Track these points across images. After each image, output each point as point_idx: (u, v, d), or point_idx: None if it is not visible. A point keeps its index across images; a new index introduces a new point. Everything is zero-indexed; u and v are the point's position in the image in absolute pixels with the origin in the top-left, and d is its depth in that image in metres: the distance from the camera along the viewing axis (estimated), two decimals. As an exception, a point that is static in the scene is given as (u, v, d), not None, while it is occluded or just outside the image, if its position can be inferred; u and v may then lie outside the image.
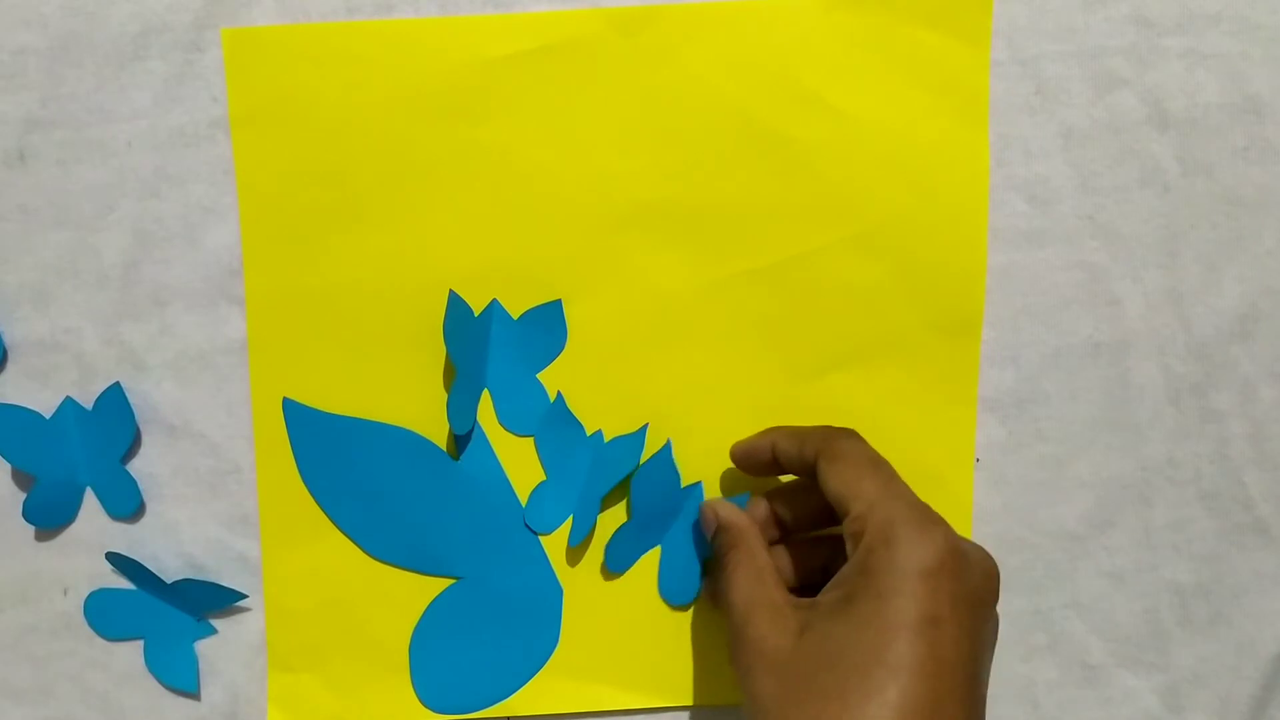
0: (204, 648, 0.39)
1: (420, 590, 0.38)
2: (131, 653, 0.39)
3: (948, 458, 0.39)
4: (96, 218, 0.37)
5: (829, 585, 0.31)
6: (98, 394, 0.37)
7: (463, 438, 0.38)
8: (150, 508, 0.38)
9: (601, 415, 0.38)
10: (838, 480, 0.33)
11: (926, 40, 0.37)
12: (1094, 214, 0.38)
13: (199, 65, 0.37)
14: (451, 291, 0.37)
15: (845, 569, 0.31)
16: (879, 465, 0.33)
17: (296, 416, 0.38)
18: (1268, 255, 0.39)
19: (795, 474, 0.36)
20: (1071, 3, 0.38)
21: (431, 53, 0.37)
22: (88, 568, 0.38)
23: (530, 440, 0.38)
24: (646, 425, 0.38)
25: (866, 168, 0.38)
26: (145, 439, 0.38)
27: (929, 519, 0.31)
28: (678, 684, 0.39)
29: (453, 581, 0.38)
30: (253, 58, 0.37)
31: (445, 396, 0.38)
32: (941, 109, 0.37)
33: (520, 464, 0.38)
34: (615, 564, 0.38)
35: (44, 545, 0.38)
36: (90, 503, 0.38)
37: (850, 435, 0.34)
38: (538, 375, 0.38)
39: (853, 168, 0.38)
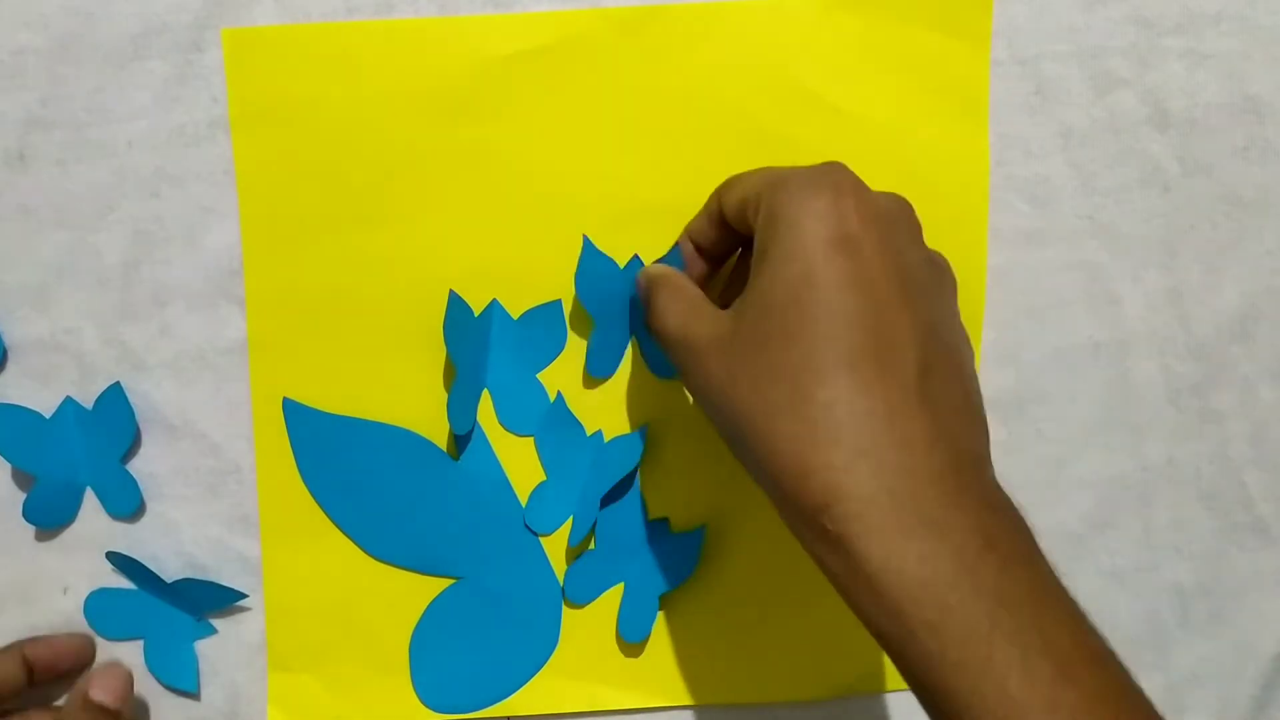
0: (204, 648, 0.39)
1: (420, 590, 0.38)
2: (131, 653, 0.39)
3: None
4: (96, 218, 0.37)
5: (750, 267, 0.31)
6: (98, 394, 0.37)
7: (463, 438, 0.38)
8: (150, 508, 0.38)
9: (601, 415, 0.38)
10: (735, 194, 0.32)
11: (926, 40, 0.37)
12: (1094, 214, 0.38)
13: (199, 65, 0.37)
14: (451, 291, 0.37)
15: (755, 242, 0.30)
16: (770, 169, 0.33)
17: (296, 416, 0.38)
18: (1268, 255, 0.39)
19: (716, 246, 0.35)
20: (1071, 3, 0.38)
21: (431, 53, 0.37)
22: (88, 568, 0.38)
23: (530, 440, 0.38)
24: (646, 425, 0.38)
25: (867, 167, 0.37)
26: (145, 439, 0.38)
27: (819, 166, 0.30)
28: (678, 684, 0.39)
29: (453, 581, 0.38)
30: (253, 58, 0.37)
31: (445, 396, 0.38)
32: (941, 109, 0.37)
33: (520, 464, 0.38)
34: (576, 595, 0.38)
35: (44, 545, 0.38)
36: (90, 502, 0.38)
37: (744, 172, 0.34)
38: (538, 375, 0.38)
39: (852, 167, 0.37)
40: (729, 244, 0.35)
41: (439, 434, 0.38)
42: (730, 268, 0.37)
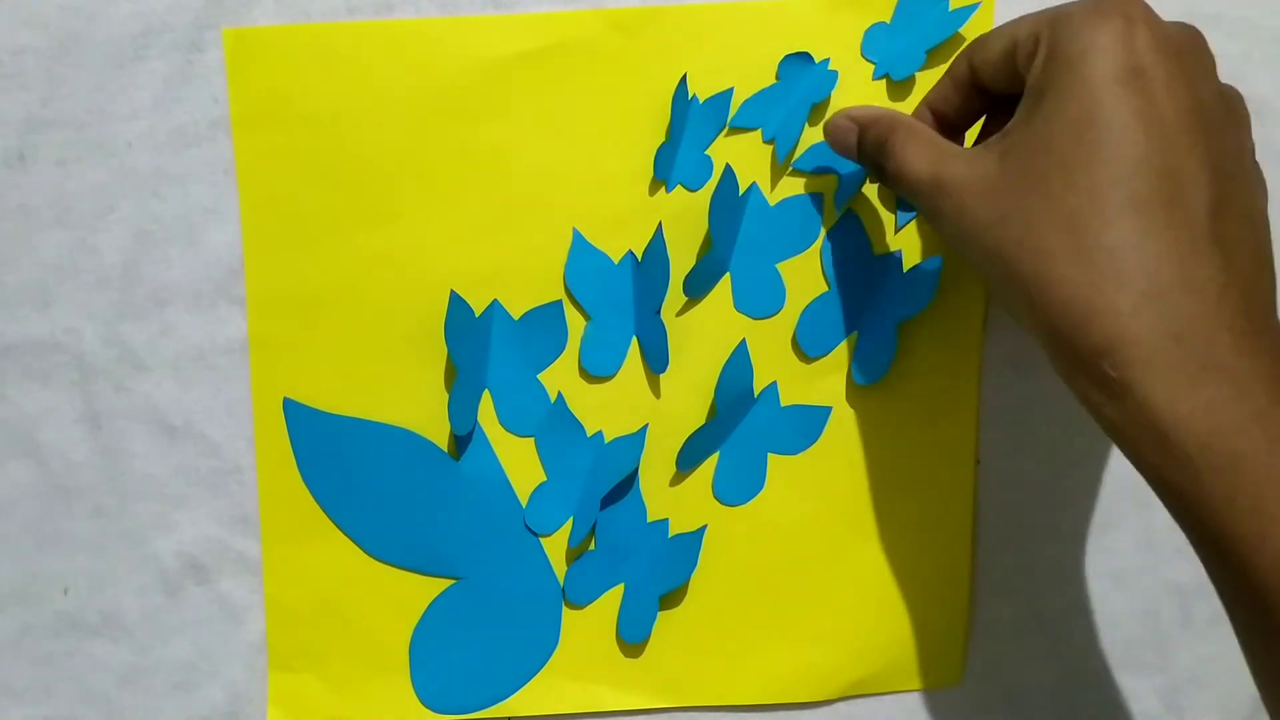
0: (204, 648, 0.39)
1: (420, 590, 0.38)
2: (131, 653, 0.39)
3: (949, 460, 0.39)
4: (97, 218, 0.37)
5: (1019, 109, 0.29)
6: (98, 395, 0.37)
7: (463, 438, 0.38)
8: (150, 508, 0.38)
9: (602, 415, 0.38)
10: (996, 43, 0.30)
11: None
12: (1095, 214, 0.38)
13: (199, 65, 0.37)
14: (452, 292, 0.37)
15: (1028, 84, 0.29)
16: (1029, 14, 0.30)
17: (297, 416, 0.38)
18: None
19: (961, 114, 0.33)
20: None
21: (431, 53, 0.37)
22: (88, 567, 0.38)
23: (530, 440, 0.38)
24: (646, 425, 0.38)
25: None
26: (146, 439, 0.38)
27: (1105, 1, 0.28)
28: (678, 685, 0.39)
29: (453, 582, 0.38)
30: (253, 58, 0.37)
31: (445, 396, 0.38)
32: (942, 109, 0.37)
33: (520, 464, 0.38)
34: (576, 595, 0.38)
35: (44, 545, 0.38)
36: (88, 502, 0.38)
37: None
38: (538, 376, 0.38)
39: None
40: (976, 111, 0.33)
41: (439, 434, 0.38)
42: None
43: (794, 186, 0.38)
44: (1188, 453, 0.25)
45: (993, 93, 0.32)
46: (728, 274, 0.38)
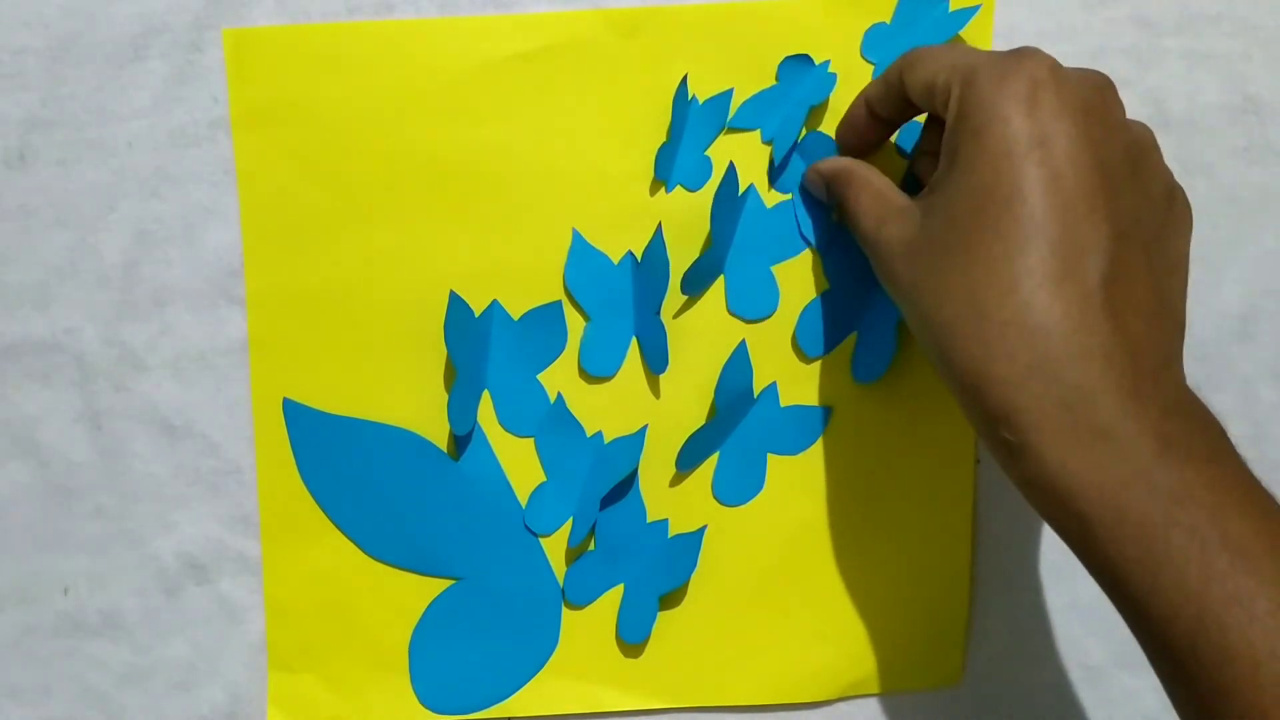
0: (204, 648, 0.39)
1: (420, 591, 0.38)
2: (131, 653, 0.39)
3: (949, 459, 0.39)
4: (97, 218, 0.37)
5: (940, 162, 0.30)
6: (98, 395, 0.37)
7: (463, 438, 0.38)
8: (150, 508, 0.38)
9: (601, 415, 0.38)
10: (921, 73, 0.31)
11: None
12: (1094, 214, 0.38)
13: (199, 65, 0.37)
14: (452, 292, 0.37)
15: (944, 137, 0.30)
16: (956, 43, 0.32)
17: (297, 417, 0.38)
18: (1268, 256, 0.39)
19: (894, 114, 0.34)
20: (1072, 3, 0.38)
21: (431, 53, 0.37)
22: (87, 567, 0.38)
23: (530, 441, 0.38)
24: (646, 426, 0.38)
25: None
26: (145, 439, 0.38)
27: (1014, 50, 0.29)
28: (677, 685, 0.39)
29: (453, 582, 0.38)
30: (253, 58, 0.37)
31: (445, 397, 0.38)
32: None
33: (520, 464, 0.38)
34: (576, 596, 0.38)
35: (44, 545, 0.38)
36: (89, 501, 0.38)
37: (925, 46, 0.33)
38: (538, 376, 0.38)
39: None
40: (908, 114, 0.34)
41: (439, 434, 0.38)
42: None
43: (790, 188, 0.38)
44: (1081, 509, 0.27)
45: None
46: (723, 276, 0.38)
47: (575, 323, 0.38)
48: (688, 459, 0.38)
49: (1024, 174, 0.27)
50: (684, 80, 0.36)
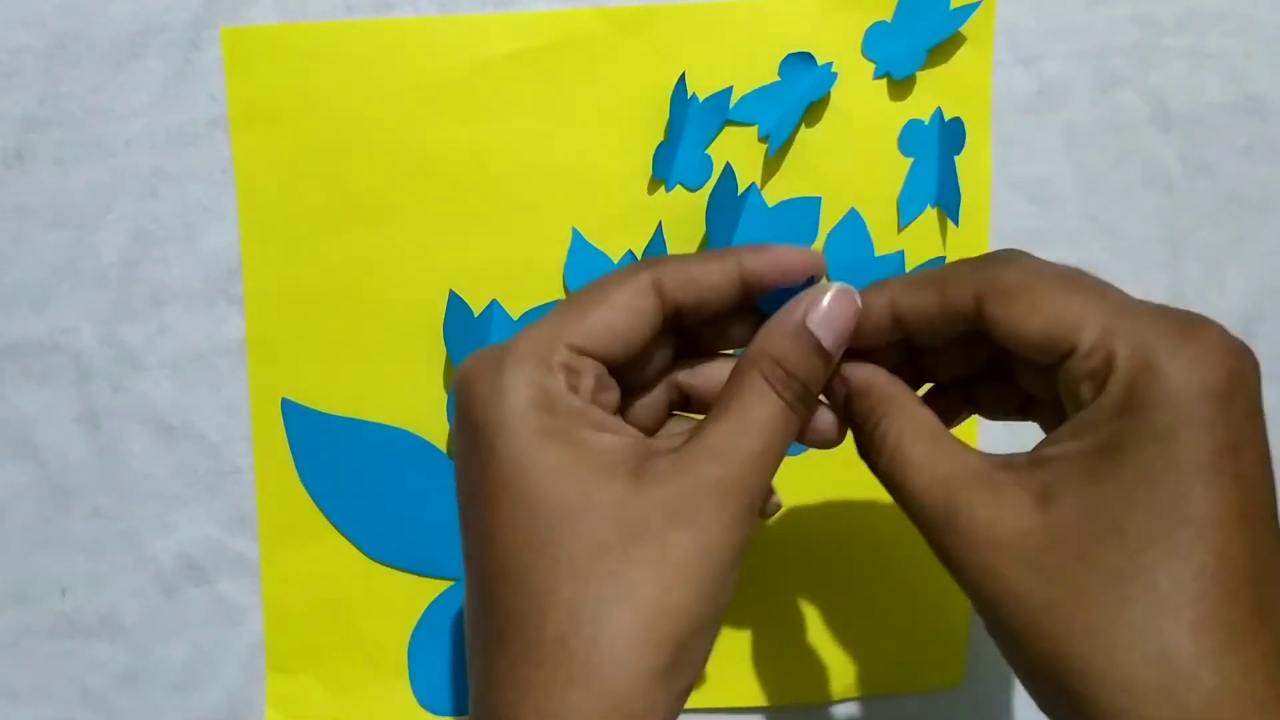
0: (202, 649, 0.39)
1: (419, 592, 0.38)
2: (129, 654, 0.38)
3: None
4: (95, 217, 0.37)
5: (1068, 435, 0.24)
6: (96, 395, 0.37)
7: (462, 438, 0.38)
8: (149, 508, 0.38)
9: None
10: (1037, 318, 0.24)
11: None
12: (1096, 214, 0.38)
13: (198, 64, 0.37)
14: (451, 292, 0.37)
15: (1087, 414, 0.23)
16: (1081, 279, 0.24)
17: (295, 417, 0.38)
18: (1270, 255, 0.39)
19: (939, 342, 0.27)
20: (1074, 2, 0.38)
21: (431, 52, 0.37)
22: (86, 568, 0.38)
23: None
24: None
25: (868, 167, 0.38)
26: (144, 439, 0.38)
27: (1193, 321, 0.23)
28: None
29: (452, 583, 0.38)
30: (252, 57, 0.37)
31: (444, 397, 0.38)
32: (943, 109, 0.37)
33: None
34: None
35: (42, 546, 0.38)
36: (85, 503, 0.38)
37: (1014, 256, 0.25)
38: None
39: (854, 166, 0.37)
40: (951, 341, 0.27)
41: (439, 434, 0.38)
42: None
43: (791, 188, 0.38)
44: None
45: (1004, 353, 0.26)
46: None
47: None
48: None
49: (1221, 496, 0.22)
50: (682, 78, 0.36)
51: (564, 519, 0.23)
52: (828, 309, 0.25)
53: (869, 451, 0.27)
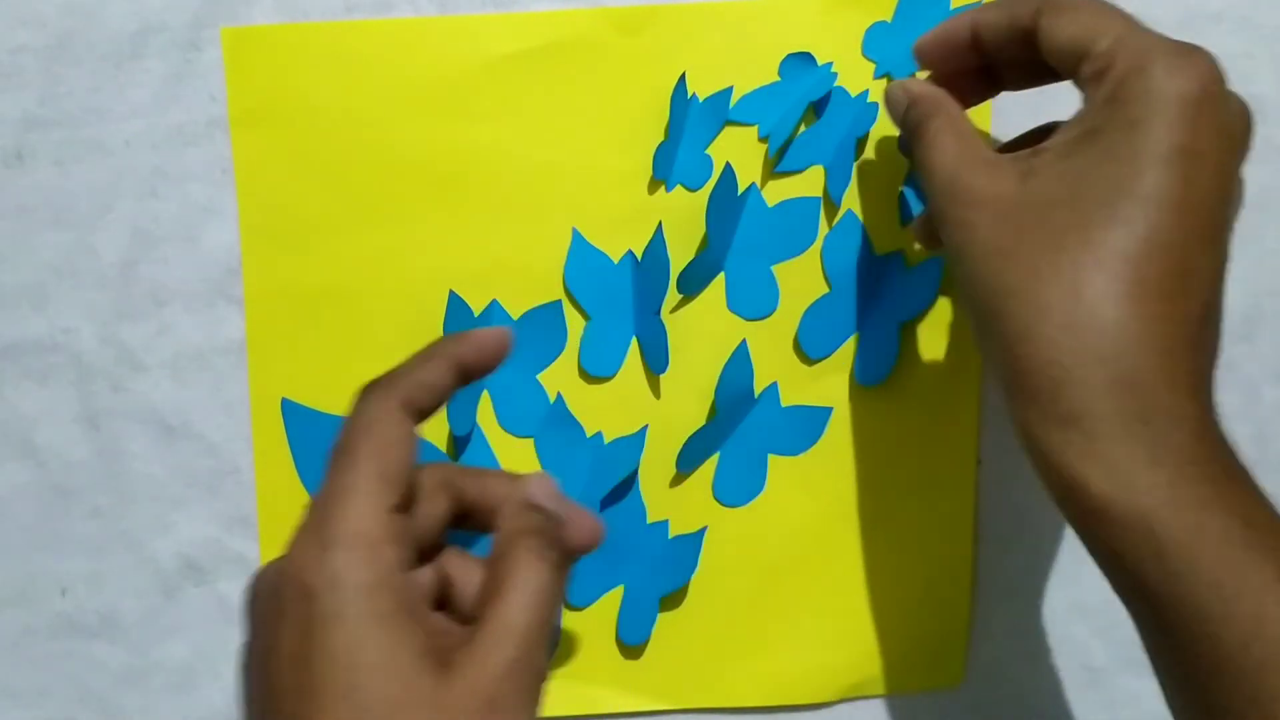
0: (202, 649, 0.39)
1: (419, 591, 0.38)
2: (129, 654, 0.38)
3: (950, 460, 0.39)
4: (94, 217, 0.37)
5: (1061, 129, 0.28)
6: (96, 395, 0.37)
7: (462, 439, 0.38)
8: (148, 508, 0.38)
9: (601, 415, 0.38)
10: (1071, 27, 0.28)
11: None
12: (1096, 214, 0.38)
13: (198, 64, 0.37)
14: (451, 292, 0.37)
15: (1082, 110, 0.28)
16: (1114, 9, 0.29)
17: (295, 417, 0.38)
18: (1271, 255, 0.39)
19: (1004, 55, 0.31)
20: (1073, 2, 0.38)
21: (431, 52, 0.37)
22: (85, 568, 0.38)
23: (530, 441, 0.38)
24: (646, 426, 0.38)
25: (868, 166, 0.38)
26: (143, 439, 0.38)
27: (1188, 46, 0.27)
28: (677, 687, 0.39)
29: (452, 583, 0.38)
30: (252, 57, 0.37)
31: (444, 397, 0.38)
32: (943, 108, 0.37)
33: (519, 465, 0.38)
34: (575, 597, 0.38)
35: (42, 546, 0.38)
36: (84, 503, 0.38)
37: None
38: (538, 376, 0.38)
39: (857, 173, 0.37)
40: (1023, 61, 0.31)
41: (438, 435, 0.38)
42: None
43: (791, 188, 0.38)
44: (1136, 525, 0.26)
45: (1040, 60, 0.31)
46: (723, 274, 0.38)
47: (575, 322, 0.38)
48: (688, 459, 0.38)
49: (1168, 183, 0.26)
50: (682, 78, 0.36)
51: (386, 716, 0.24)
52: (542, 482, 0.29)
53: (914, 141, 0.31)
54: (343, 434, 0.27)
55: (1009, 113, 0.38)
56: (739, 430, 0.38)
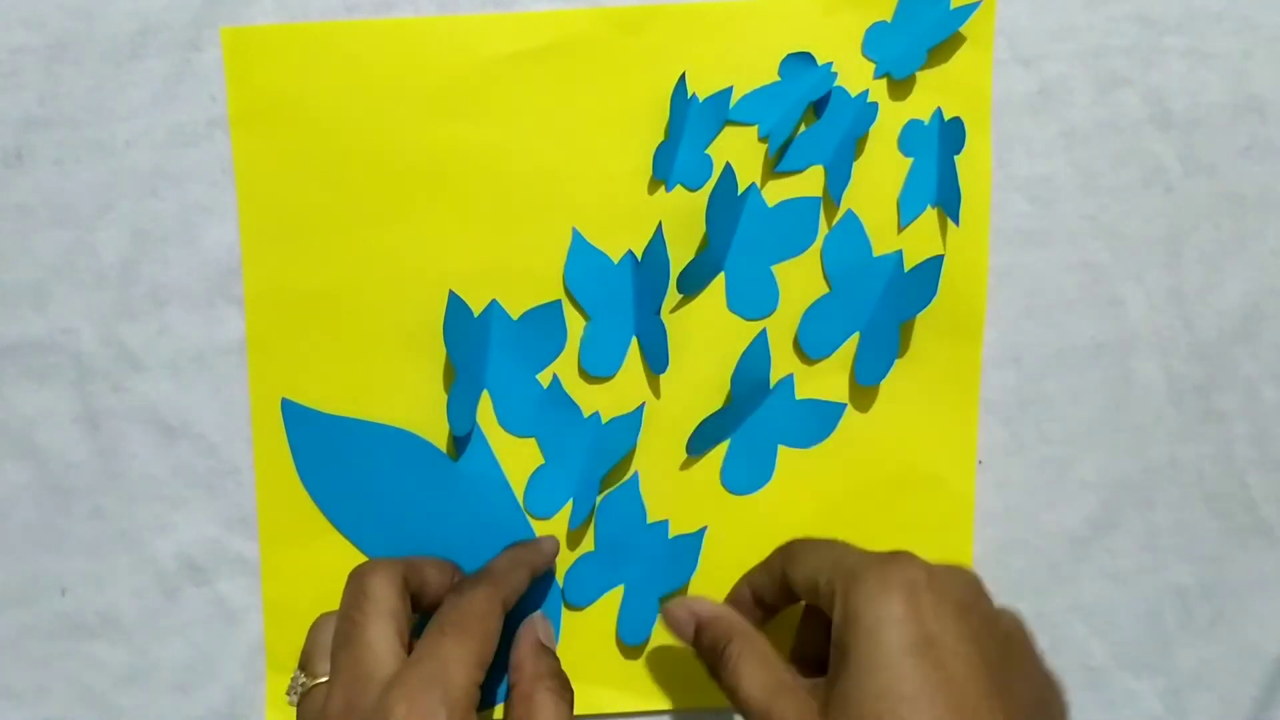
0: (202, 649, 0.39)
1: (419, 591, 0.38)
2: (129, 654, 0.38)
3: (950, 460, 0.39)
4: (94, 217, 0.37)
5: (831, 650, 0.31)
6: (96, 395, 0.37)
7: (462, 439, 0.38)
8: (149, 508, 0.38)
9: (600, 405, 0.38)
10: (803, 569, 0.33)
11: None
12: (1096, 214, 0.38)
13: (197, 64, 0.37)
14: (451, 292, 0.37)
15: (833, 637, 0.31)
16: (833, 541, 0.34)
17: (295, 417, 0.38)
18: (1271, 255, 0.39)
19: (778, 602, 0.35)
20: (1074, 2, 0.38)
21: (431, 52, 0.37)
22: (85, 568, 0.38)
23: (530, 441, 0.38)
24: (644, 404, 0.38)
25: (868, 166, 0.38)
26: (143, 439, 0.38)
27: (890, 554, 0.31)
28: (677, 687, 0.39)
29: (452, 583, 0.38)
30: (252, 57, 0.37)
31: (445, 397, 0.38)
32: (943, 109, 0.37)
33: (519, 464, 0.38)
34: (575, 597, 0.38)
35: (42, 546, 0.38)
36: (86, 502, 0.38)
37: (804, 539, 0.35)
38: (537, 376, 0.38)
39: (854, 166, 0.37)
40: (791, 601, 0.35)
41: (438, 435, 0.38)
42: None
43: (790, 188, 0.38)
44: None
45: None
46: (723, 274, 0.38)
47: (575, 322, 0.38)
48: (699, 444, 0.38)
49: (921, 674, 0.28)
50: (682, 78, 0.36)
51: None
52: (544, 624, 0.35)
53: (714, 666, 0.33)
54: (458, 613, 0.32)
55: (1010, 113, 0.38)
56: (751, 419, 0.38)
